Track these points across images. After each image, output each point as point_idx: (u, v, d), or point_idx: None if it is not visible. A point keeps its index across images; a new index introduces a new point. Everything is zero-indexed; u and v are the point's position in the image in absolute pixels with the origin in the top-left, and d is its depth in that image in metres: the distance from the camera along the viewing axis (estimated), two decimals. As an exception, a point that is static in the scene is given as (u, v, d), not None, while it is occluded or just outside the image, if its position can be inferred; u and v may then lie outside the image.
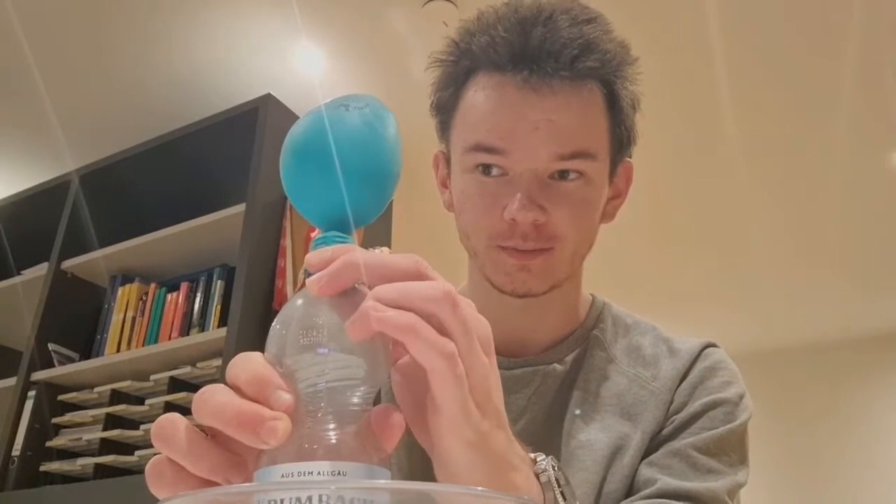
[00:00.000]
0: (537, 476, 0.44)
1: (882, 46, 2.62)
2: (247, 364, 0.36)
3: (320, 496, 0.29)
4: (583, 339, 0.79)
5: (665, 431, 0.71)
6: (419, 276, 0.36)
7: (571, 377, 0.76)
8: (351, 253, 0.36)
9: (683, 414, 0.71)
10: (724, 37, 2.59)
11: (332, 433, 0.34)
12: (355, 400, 0.36)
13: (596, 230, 0.75)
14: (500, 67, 0.69)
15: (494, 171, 0.70)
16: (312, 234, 1.98)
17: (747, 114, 2.96)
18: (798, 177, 3.37)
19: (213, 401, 0.34)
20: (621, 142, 0.74)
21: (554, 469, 0.44)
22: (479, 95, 0.70)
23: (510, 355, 0.77)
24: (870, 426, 4.74)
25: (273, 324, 0.37)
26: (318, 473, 0.32)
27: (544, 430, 0.73)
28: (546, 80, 0.67)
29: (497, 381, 0.39)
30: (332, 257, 0.36)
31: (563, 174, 0.69)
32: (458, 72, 0.73)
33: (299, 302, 0.37)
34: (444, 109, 0.76)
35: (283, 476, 0.32)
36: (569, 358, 0.77)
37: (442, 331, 0.35)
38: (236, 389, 0.35)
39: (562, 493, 0.44)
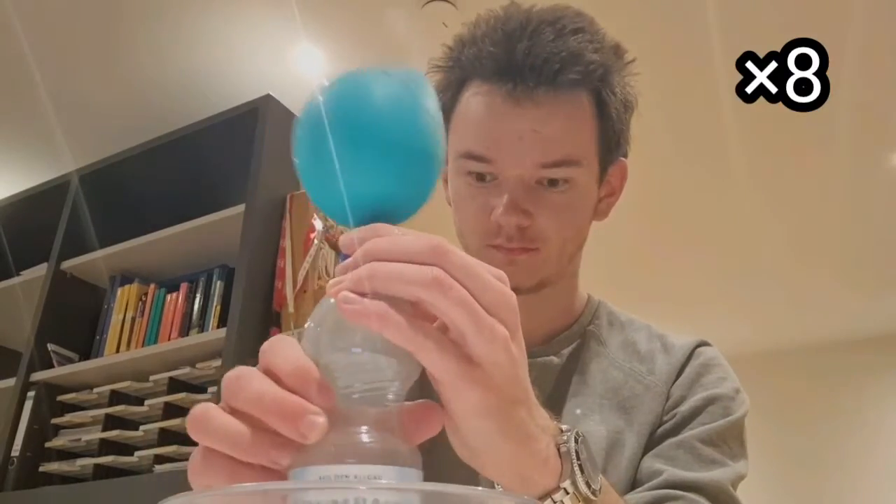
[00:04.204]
0: (558, 448, 0.44)
1: (882, 46, 2.62)
2: (288, 352, 0.36)
3: (356, 499, 0.29)
4: (579, 334, 0.81)
5: (666, 426, 0.72)
6: (435, 259, 0.36)
7: (568, 370, 0.78)
8: (370, 243, 0.36)
9: (683, 408, 0.73)
10: (724, 37, 2.59)
11: (365, 435, 0.34)
12: (389, 399, 0.36)
13: (584, 230, 0.78)
14: (488, 79, 0.72)
15: (487, 178, 0.73)
16: (312, 235, 1.98)
17: (746, 113, 2.96)
18: (798, 177, 3.37)
19: (250, 387, 0.34)
20: (611, 145, 0.76)
21: (576, 442, 0.45)
22: (470, 103, 0.74)
23: None
24: (869, 427, 4.73)
25: (308, 321, 0.37)
26: (355, 477, 0.32)
27: None
28: (529, 93, 0.69)
29: (516, 353, 0.39)
30: (360, 239, 0.36)
31: (550, 182, 0.72)
32: (452, 78, 0.76)
33: (333, 301, 0.36)
34: (443, 112, 0.77)
35: (320, 478, 0.32)
36: (565, 351, 0.79)
37: (433, 313, 0.36)
38: (273, 377, 0.35)
39: (580, 465, 0.44)
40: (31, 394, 2.11)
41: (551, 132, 0.70)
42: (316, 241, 1.90)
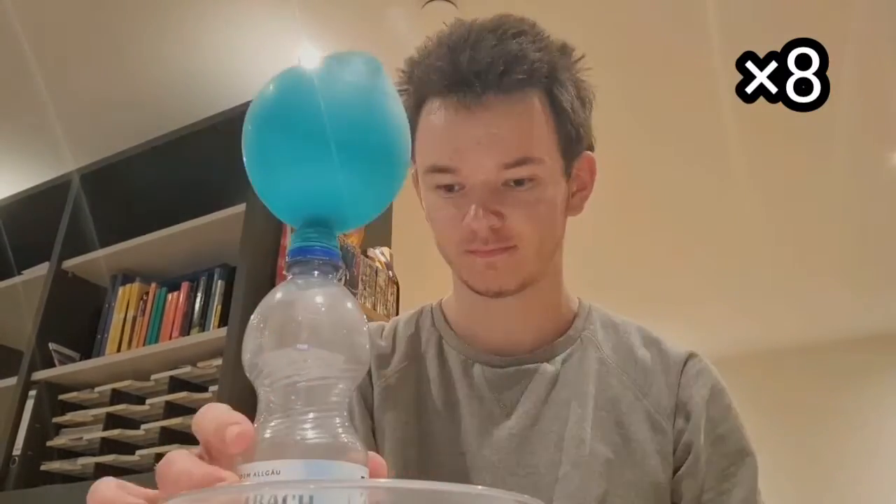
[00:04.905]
0: None
1: (882, 46, 2.62)
2: (209, 415, 0.36)
3: (283, 496, 0.29)
4: (573, 341, 0.82)
5: (706, 494, 0.75)
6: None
7: (564, 378, 0.79)
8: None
9: (718, 472, 0.76)
10: (723, 37, 2.59)
11: (308, 431, 0.34)
12: (333, 397, 0.35)
13: (559, 226, 0.79)
14: (439, 93, 0.74)
15: (455, 188, 0.75)
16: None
17: (746, 113, 2.96)
18: (798, 177, 3.37)
19: (172, 472, 0.35)
20: (570, 139, 0.77)
21: None
22: (428, 121, 0.76)
23: (500, 354, 0.81)
24: (870, 426, 4.73)
25: (251, 318, 0.36)
26: (287, 472, 0.32)
27: (538, 429, 0.77)
28: (478, 99, 0.72)
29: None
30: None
31: (516, 182, 0.73)
32: (410, 100, 0.78)
33: (279, 296, 0.36)
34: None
35: (254, 474, 0.33)
36: (559, 358, 0.81)
37: None
38: (206, 443, 0.36)
39: None
40: (32, 393, 2.11)
41: (506, 133, 0.72)
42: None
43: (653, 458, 0.75)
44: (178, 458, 0.35)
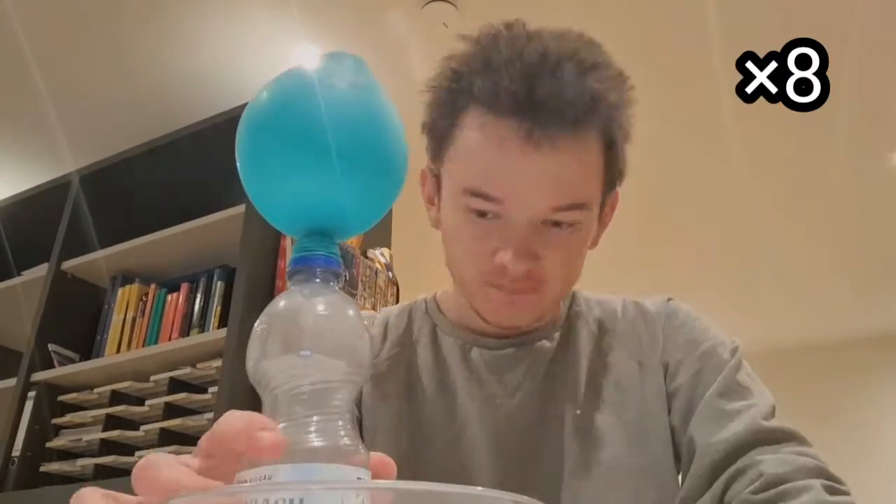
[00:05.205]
0: None
1: (882, 46, 2.62)
2: (230, 420, 0.35)
3: (275, 500, 0.29)
4: (564, 318, 0.85)
5: (682, 398, 0.76)
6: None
7: (561, 352, 0.81)
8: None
9: (691, 376, 0.77)
10: (724, 38, 2.59)
11: (310, 435, 0.34)
12: (336, 401, 0.36)
13: (582, 267, 0.78)
14: (501, 113, 0.67)
15: (489, 216, 0.70)
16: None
17: (748, 113, 2.96)
18: (798, 177, 3.37)
19: (160, 478, 0.33)
20: (613, 181, 0.76)
21: None
22: (478, 136, 0.69)
23: (498, 336, 0.82)
24: (870, 426, 4.73)
25: (255, 324, 0.37)
26: (280, 476, 0.32)
27: (542, 405, 0.78)
28: (548, 135, 0.66)
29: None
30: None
31: (557, 223, 0.70)
32: (455, 102, 0.71)
33: (282, 304, 0.37)
34: (439, 135, 0.74)
35: (249, 480, 0.33)
36: (556, 335, 0.82)
37: None
38: (224, 441, 0.34)
39: None
40: (31, 394, 2.10)
41: (566, 177, 0.68)
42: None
43: (653, 404, 0.77)
44: (164, 464, 0.34)
